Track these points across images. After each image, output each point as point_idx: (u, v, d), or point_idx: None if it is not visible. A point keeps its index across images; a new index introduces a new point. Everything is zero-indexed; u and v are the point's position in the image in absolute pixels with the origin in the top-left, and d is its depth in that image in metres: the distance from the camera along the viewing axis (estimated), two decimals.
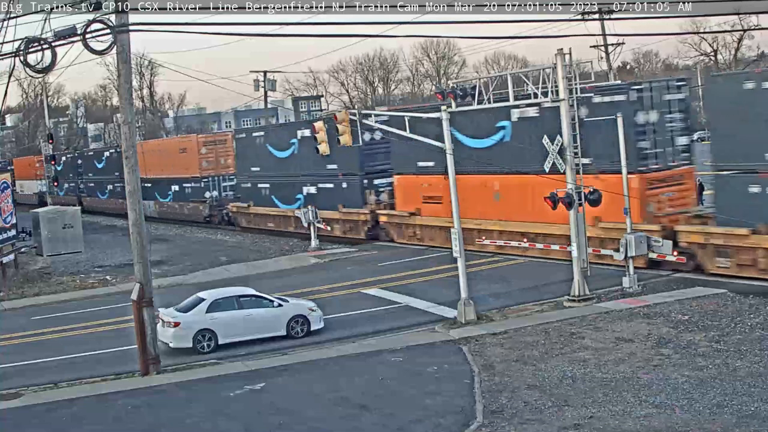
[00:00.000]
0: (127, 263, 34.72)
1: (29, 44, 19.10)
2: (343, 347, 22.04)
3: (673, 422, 14.70)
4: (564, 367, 18.43)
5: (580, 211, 24.43)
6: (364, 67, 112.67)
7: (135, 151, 21.37)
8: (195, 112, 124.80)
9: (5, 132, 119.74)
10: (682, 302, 23.27)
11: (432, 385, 17.98)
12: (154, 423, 17.21)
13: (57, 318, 29.64)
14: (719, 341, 19.39)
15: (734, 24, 68.90)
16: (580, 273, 24.41)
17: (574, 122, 24.50)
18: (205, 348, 22.89)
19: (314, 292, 29.03)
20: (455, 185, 23.96)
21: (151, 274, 21.63)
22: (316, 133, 27.54)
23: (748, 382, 16.40)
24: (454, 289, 24.12)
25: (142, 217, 21.15)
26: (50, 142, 63.56)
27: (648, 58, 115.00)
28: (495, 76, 29.81)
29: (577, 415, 15.48)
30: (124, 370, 21.60)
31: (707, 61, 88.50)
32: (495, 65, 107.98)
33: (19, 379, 21.54)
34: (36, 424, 17.84)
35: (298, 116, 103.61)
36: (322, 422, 16.32)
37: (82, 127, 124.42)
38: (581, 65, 26.88)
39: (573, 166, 24.34)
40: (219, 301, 23.57)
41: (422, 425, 15.63)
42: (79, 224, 43.84)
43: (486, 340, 21.33)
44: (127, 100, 21.23)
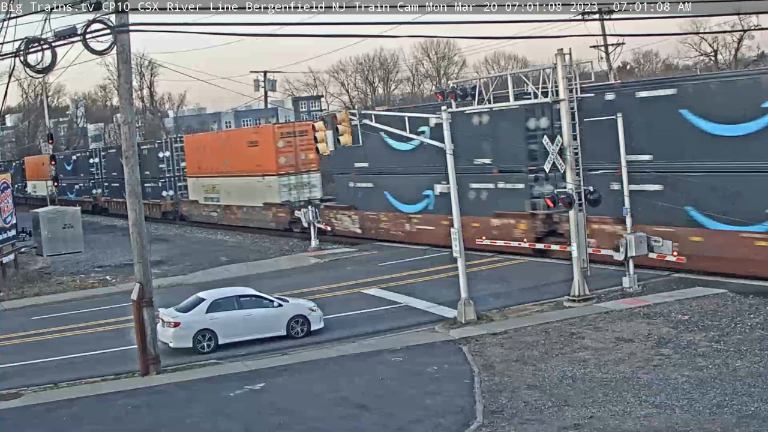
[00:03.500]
0: (127, 263, 34.72)
1: (29, 44, 19.10)
2: (343, 347, 22.04)
3: (673, 422, 14.70)
4: (564, 367, 18.43)
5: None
6: (364, 67, 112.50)
7: (135, 151, 21.41)
8: (195, 112, 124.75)
9: (5, 132, 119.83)
10: (682, 302, 23.27)
11: (432, 385, 17.97)
12: (154, 423, 17.20)
13: (57, 318, 29.64)
14: (719, 341, 19.39)
15: (734, 24, 68.74)
16: (580, 273, 24.41)
17: (574, 122, 24.53)
18: (205, 348, 22.89)
19: (314, 292, 29.02)
20: (455, 185, 23.97)
21: (151, 274, 21.63)
22: (316, 132, 27.50)
23: (748, 382, 16.40)
24: (454, 289, 24.13)
25: (142, 217, 21.15)
26: (50, 142, 63.58)
27: (648, 58, 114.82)
28: (495, 76, 29.83)
29: (577, 415, 15.48)
30: (124, 370, 21.60)
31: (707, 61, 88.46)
32: (495, 65, 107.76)
33: (19, 379, 21.54)
34: (36, 424, 17.84)
35: (299, 116, 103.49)
36: (322, 422, 16.32)
37: (82, 127, 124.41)
38: (581, 65, 26.90)
39: (573, 167, 24.34)
40: (219, 301, 23.57)
41: (422, 425, 15.62)
42: (79, 224, 43.86)
43: (486, 340, 21.33)
44: (127, 100, 21.24)
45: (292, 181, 46.74)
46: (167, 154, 59.78)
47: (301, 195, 46.39)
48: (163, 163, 59.81)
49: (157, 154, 60.17)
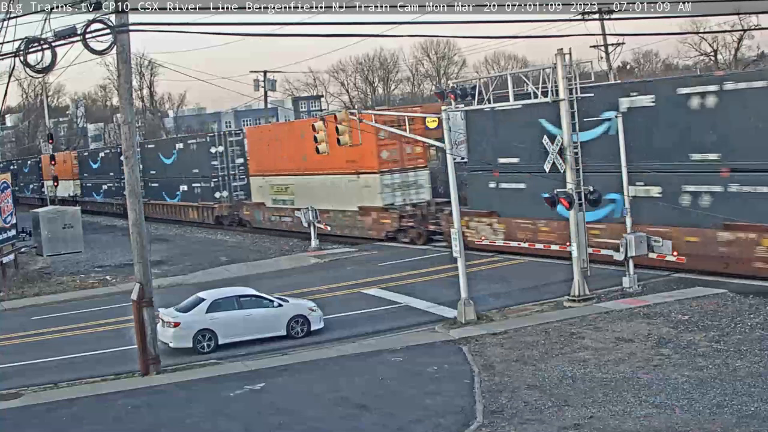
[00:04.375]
0: (127, 263, 34.72)
1: (29, 44, 19.09)
2: (343, 347, 22.04)
3: (673, 422, 14.70)
4: (564, 367, 18.43)
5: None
6: (364, 67, 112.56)
7: (135, 151, 21.41)
8: (195, 112, 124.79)
9: (5, 132, 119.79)
10: (682, 302, 23.27)
11: (432, 385, 17.97)
12: (154, 423, 17.20)
13: (57, 318, 29.64)
14: (719, 341, 19.38)
15: (734, 24, 68.73)
16: (580, 273, 24.40)
17: (574, 122, 24.52)
18: (205, 348, 22.89)
19: (314, 292, 29.02)
20: (455, 185, 23.98)
21: (151, 274, 21.63)
22: (317, 132, 27.51)
23: (748, 382, 16.39)
24: (454, 289, 24.12)
25: (142, 217, 21.15)
26: (50, 142, 63.35)
27: (648, 58, 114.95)
28: (495, 76, 29.76)
29: (577, 415, 15.48)
30: (124, 370, 21.60)
31: (707, 61, 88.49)
32: (495, 65, 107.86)
33: (19, 379, 21.54)
34: (36, 424, 17.84)
35: (299, 116, 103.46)
36: (322, 422, 16.32)
37: (82, 127, 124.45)
38: (581, 65, 26.87)
39: (573, 167, 24.33)
40: (219, 301, 23.57)
41: (422, 425, 15.62)
42: (79, 224, 43.91)
43: (486, 340, 21.33)
44: (127, 100, 21.24)
45: (396, 180, 38.98)
46: (220, 149, 52.91)
47: (407, 197, 39.14)
48: (216, 160, 52.76)
49: (208, 149, 53.39)
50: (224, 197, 53.15)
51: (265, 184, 48.33)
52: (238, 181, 52.95)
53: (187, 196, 56.84)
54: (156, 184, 60.35)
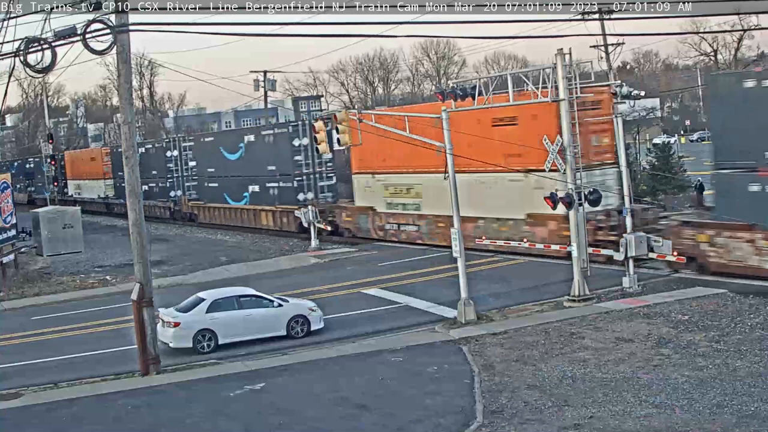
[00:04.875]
0: (127, 263, 34.70)
1: (29, 44, 19.08)
2: (343, 347, 22.04)
3: (673, 422, 14.71)
4: (564, 367, 18.43)
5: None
6: (364, 67, 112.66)
7: (135, 150, 21.39)
8: (195, 112, 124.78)
9: (5, 132, 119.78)
10: (682, 302, 23.27)
11: (432, 385, 17.97)
12: (154, 423, 17.21)
13: (57, 318, 29.62)
14: (719, 341, 19.39)
15: (734, 24, 68.83)
16: (580, 273, 24.40)
17: (573, 122, 24.52)
18: (205, 348, 22.88)
19: (314, 292, 29.01)
20: (455, 184, 23.95)
21: (151, 274, 21.63)
22: (317, 132, 27.42)
23: (748, 382, 16.40)
24: (454, 289, 24.12)
25: (141, 217, 21.15)
26: (50, 142, 63.25)
27: (648, 58, 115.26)
28: (495, 76, 29.74)
29: (577, 415, 15.48)
30: (124, 370, 21.59)
31: (707, 61, 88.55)
32: (495, 65, 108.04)
33: (19, 379, 21.53)
34: (36, 424, 17.84)
35: (299, 116, 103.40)
36: (322, 422, 16.32)
37: (82, 127, 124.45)
38: (581, 65, 26.87)
39: (573, 166, 24.33)
40: (219, 301, 23.56)
41: (422, 425, 15.63)
42: (79, 224, 43.89)
43: (486, 340, 21.33)
44: (127, 100, 21.24)
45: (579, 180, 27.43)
46: (305, 141, 44.27)
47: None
48: (300, 155, 44.57)
49: (290, 141, 44.86)
50: (308, 199, 44.07)
51: (376, 184, 40.39)
52: (326, 180, 45.04)
53: (259, 198, 47.95)
54: (215, 184, 52.10)
